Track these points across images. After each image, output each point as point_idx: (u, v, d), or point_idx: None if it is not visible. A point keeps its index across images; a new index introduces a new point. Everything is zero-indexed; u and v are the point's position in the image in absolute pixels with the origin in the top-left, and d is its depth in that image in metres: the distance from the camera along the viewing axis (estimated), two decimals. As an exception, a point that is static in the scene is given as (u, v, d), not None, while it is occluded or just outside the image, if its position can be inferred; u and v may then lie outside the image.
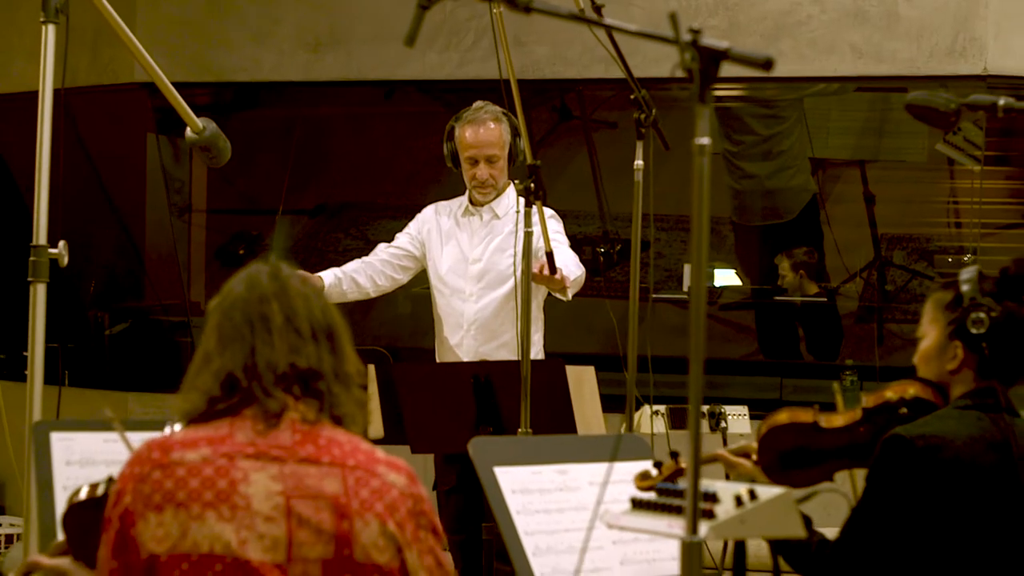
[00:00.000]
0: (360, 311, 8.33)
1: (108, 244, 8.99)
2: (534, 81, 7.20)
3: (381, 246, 5.85)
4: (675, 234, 7.88)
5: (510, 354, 5.44)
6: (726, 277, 8.57)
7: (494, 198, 5.65)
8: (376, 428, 5.11)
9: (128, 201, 8.75)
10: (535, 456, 3.56)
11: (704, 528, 2.83)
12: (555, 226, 5.54)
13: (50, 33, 3.99)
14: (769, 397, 7.44)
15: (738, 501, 2.90)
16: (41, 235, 4.01)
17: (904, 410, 3.38)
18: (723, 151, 8.11)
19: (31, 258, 3.97)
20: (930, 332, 3.44)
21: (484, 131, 5.56)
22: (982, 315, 3.28)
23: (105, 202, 8.80)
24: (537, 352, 5.63)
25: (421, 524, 2.72)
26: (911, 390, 3.41)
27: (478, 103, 5.64)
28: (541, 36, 7.37)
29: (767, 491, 2.92)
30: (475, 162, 5.59)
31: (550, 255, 4.92)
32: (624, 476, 3.44)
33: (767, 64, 2.61)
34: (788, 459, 3.49)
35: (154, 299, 8.61)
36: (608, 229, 7.37)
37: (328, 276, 5.66)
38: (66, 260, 4.05)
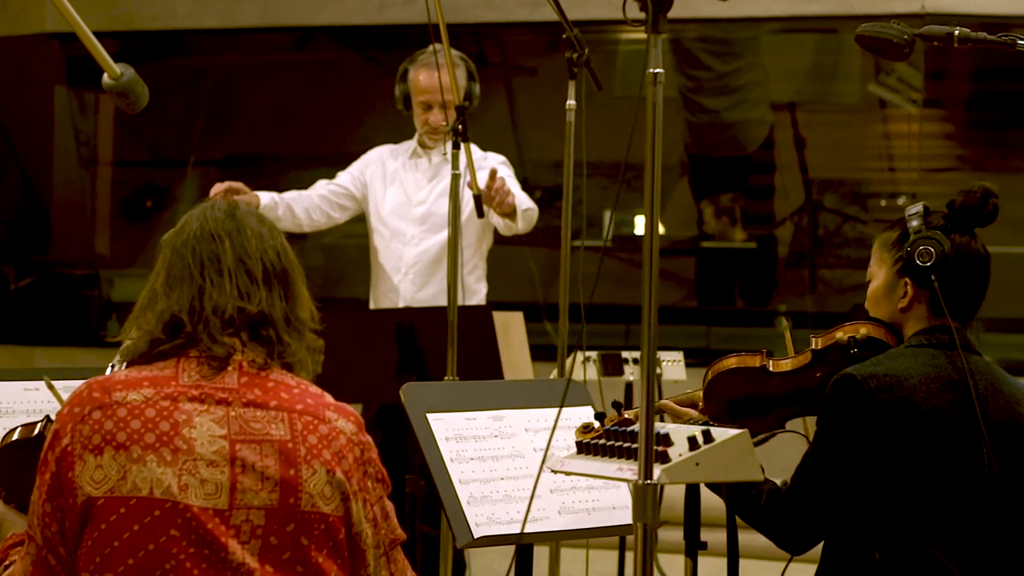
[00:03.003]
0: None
1: (13, 197, 8.82)
2: (456, 25, 7.10)
3: (321, 182, 5.75)
4: (596, 180, 7.84)
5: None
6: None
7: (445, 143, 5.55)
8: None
9: (34, 154, 8.59)
10: (469, 402, 3.49)
11: (657, 471, 2.75)
12: (506, 171, 5.50)
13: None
14: (700, 345, 7.44)
15: (692, 443, 2.84)
16: None
17: (856, 351, 3.29)
18: (679, 87, 8.06)
19: None
20: (878, 272, 3.36)
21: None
22: (929, 248, 3.21)
23: (10, 155, 8.63)
24: (480, 300, 5.61)
25: (368, 473, 2.63)
26: (863, 330, 3.32)
27: (435, 46, 5.52)
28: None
29: (723, 432, 2.86)
30: (428, 107, 5.50)
31: (477, 198, 4.83)
32: (563, 423, 3.39)
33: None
34: (737, 407, 3.39)
35: (60, 253, 8.46)
36: (527, 176, 7.32)
37: (264, 196, 5.52)
38: None
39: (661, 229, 8.48)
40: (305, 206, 5.65)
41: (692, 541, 3.16)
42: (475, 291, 5.61)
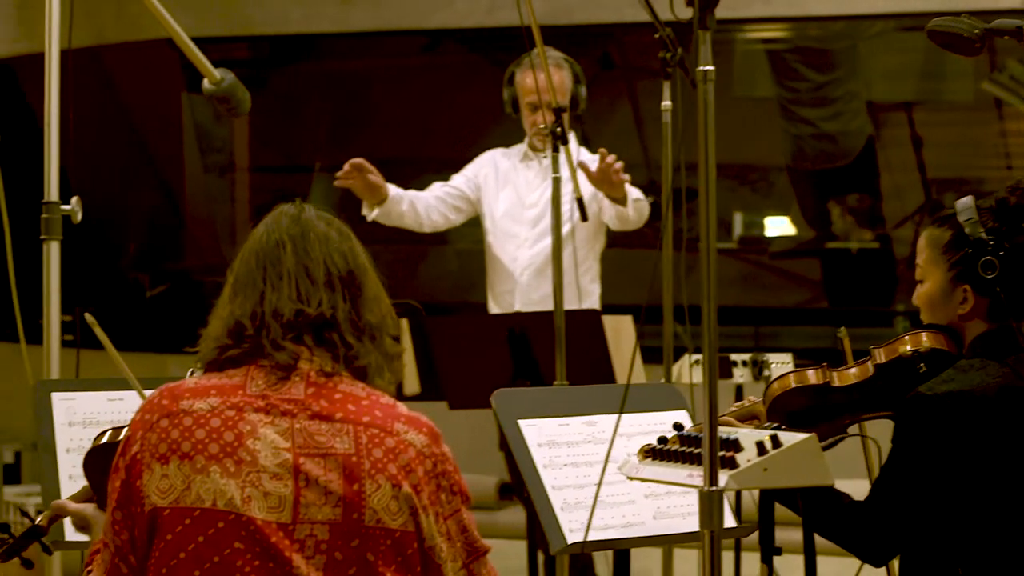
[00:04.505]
0: (408, 266, 8.30)
1: (148, 205, 9.00)
2: (566, 27, 7.11)
3: (436, 184, 5.81)
4: (723, 182, 7.80)
5: (565, 301, 5.33)
6: (778, 225, 8.48)
7: None
8: (411, 384, 5.03)
9: (167, 160, 8.73)
10: (562, 408, 3.47)
11: (725, 477, 2.73)
12: (619, 163, 5.43)
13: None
14: (822, 346, 7.35)
15: (760, 448, 2.80)
16: (52, 191, 3.94)
17: (923, 366, 3.21)
18: (777, 97, 7.99)
19: (43, 215, 3.91)
20: (931, 275, 3.25)
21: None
22: (993, 260, 3.11)
23: (145, 162, 8.80)
24: (594, 302, 5.62)
25: (441, 486, 2.57)
26: (925, 342, 3.23)
27: (537, 48, 5.55)
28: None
29: (791, 437, 2.82)
30: (535, 108, 5.50)
31: (580, 201, 4.81)
32: (657, 427, 3.37)
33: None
34: (797, 418, 3.31)
35: (195, 260, 8.60)
36: (654, 178, 7.29)
37: (393, 189, 5.60)
38: (79, 216, 3.98)
39: (792, 230, 8.43)
40: (424, 205, 5.71)
41: (767, 547, 3.12)
42: (589, 292, 5.62)
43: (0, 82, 8.69)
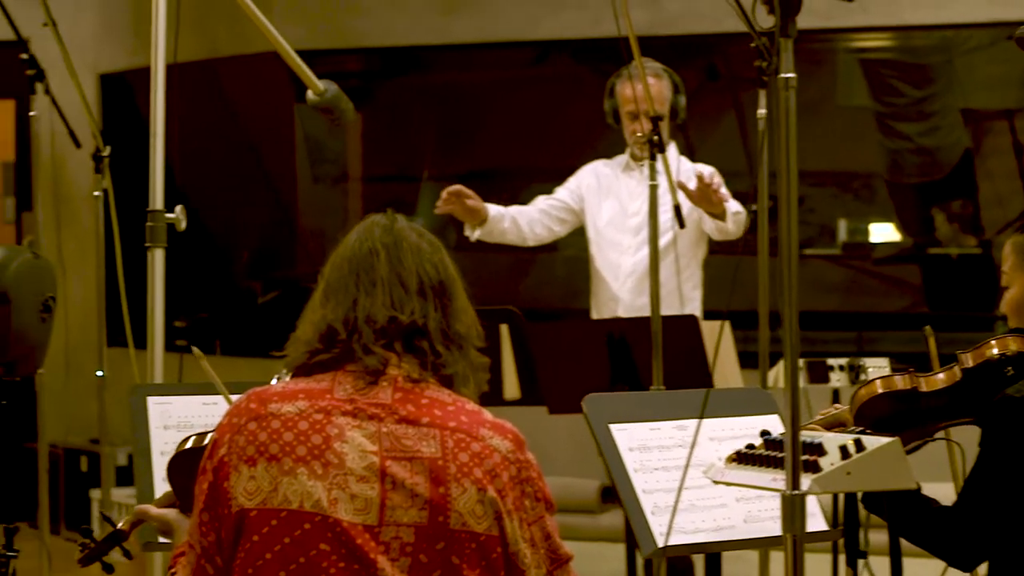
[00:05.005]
0: (516, 273, 8.35)
1: (261, 214, 9.13)
2: (670, 37, 7.14)
3: (540, 198, 5.90)
4: (826, 189, 7.80)
5: (668, 308, 5.39)
6: (882, 232, 8.44)
7: None
8: (512, 389, 5.08)
9: (280, 171, 8.83)
10: (652, 412, 3.48)
11: (807, 481, 2.74)
12: (717, 180, 5.51)
13: (161, 1, 4.04)
14: (921, 350, 7.31)
15: (844, 452, 2.81)
16: (157, 200, 4.01)
17: (1010, 370, 3.21)
18: (873, 111, 7.95)
19: (147, 223, 3.98)
20: (1017, 280, 3.26)
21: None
22: None
23: (258, 172, 8.92)
24: (695, 309, 5.67)
25: (526, 492, 2.57)
26: (1012, 346, 3.24)
27: (638, 60, 5.62)
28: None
29: (874, 441, 2.83)
30: (635, 117, 5.55)
31: (677, 208, 4.85)
32: (748, 431, 3.39)
33: (850, -4, 2.51)
34: (884, 423, 3.31)
35: (306, 268, 8.71)
36: (757, 186, 7.29)
37: (492, 208, 5.69)
38: (183, 224, 4.05)
39: (895, 236, 8.39)
40: (528, 219, 5.80)
41: (852, 550, 3.13)
42: (691, 299, 5.67)
43: (117, 94, 8.90)
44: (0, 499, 5.50)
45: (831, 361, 5.46)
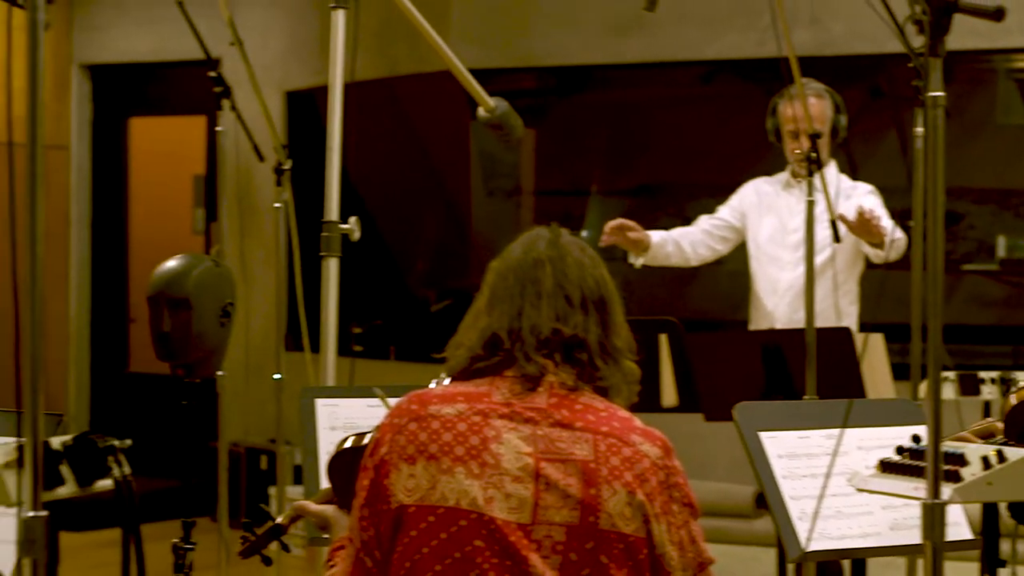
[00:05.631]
0: (679, 285, 8.45)
1: (438, 226, 9.31)
2: (832, 58, 7.21)
3: (703, 218, 6.03)
4: (985, 206, 7.77)
5: (824, 322, 5.47)
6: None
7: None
8: (670, 397, 5.19)
9: (455, 184, 9.00)
10: (802, 421, 3.55)
11: (948, 491, 2.78)
12: (875, 200, 5.64)
13: (340, 19, 4.17)
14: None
15: (985, 463, 2.85)
16: (332, 211, 4.11)
17: None
18: None
19: (323, 233, 4.07)
20: None
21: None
22: None
23: (434, 186, 9.11)
24: (851, 323, 5.72)
25: (673, 497, 2.61)
26: None
27: (802, 80, 5.73)
28: (836, 12, 7.42)
29: (1016, 452, 2.85)
30: (796, 135, 5.67)
31: (834, 223, 4.95)
32: (895, 441, 3.42)
33: (998, 14, 2.58)
34: None
35: (478, 278, 8.88)
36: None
37: (655, 235, 5.85)
38: (357, 235, 4.13)
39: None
40: (691, 241, 5.95)
41: (991, 558, 3.17)
42: (847, 313, 5.74)
43: (303, 111, 9.18)
44: (183, 495, 5.64)
45: (982, 374, 5.46)
